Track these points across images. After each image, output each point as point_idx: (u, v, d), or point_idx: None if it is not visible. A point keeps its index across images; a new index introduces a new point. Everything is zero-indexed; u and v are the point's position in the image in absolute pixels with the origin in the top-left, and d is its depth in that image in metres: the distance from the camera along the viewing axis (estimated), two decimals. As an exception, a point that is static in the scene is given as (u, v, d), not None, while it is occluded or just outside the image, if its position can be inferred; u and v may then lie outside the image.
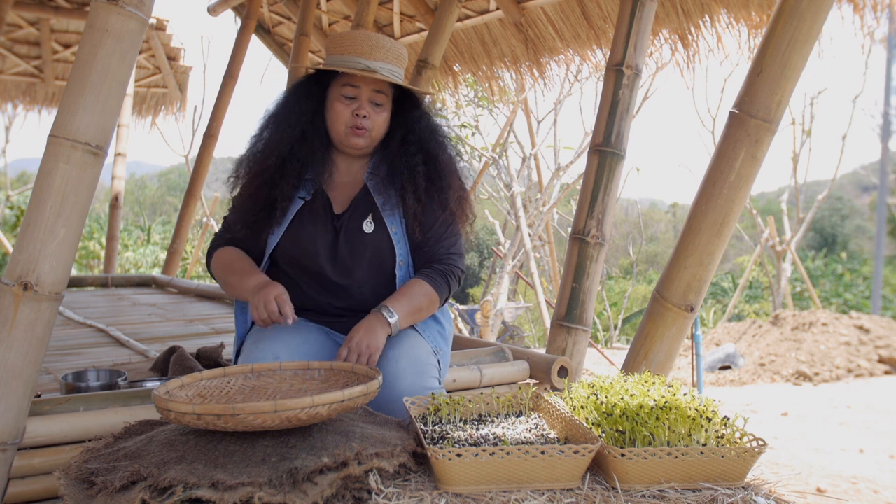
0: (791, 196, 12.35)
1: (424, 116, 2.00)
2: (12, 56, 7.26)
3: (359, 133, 1.91)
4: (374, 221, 1.93)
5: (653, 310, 2.51)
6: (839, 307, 14.04)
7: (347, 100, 1.90)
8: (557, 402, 1.57)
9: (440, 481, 1.28)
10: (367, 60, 1.87)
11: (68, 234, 1.61)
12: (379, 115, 1.92)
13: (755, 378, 7.43)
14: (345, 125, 1.91)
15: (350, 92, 1.90)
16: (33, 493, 1.73)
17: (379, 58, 1.88)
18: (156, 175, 34.45)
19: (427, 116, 2.01)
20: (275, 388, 1.59)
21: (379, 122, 1.93)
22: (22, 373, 1.60)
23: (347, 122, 1.90)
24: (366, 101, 1.90)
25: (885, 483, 4.29)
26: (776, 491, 1.33)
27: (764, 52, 2.35)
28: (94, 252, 14.11)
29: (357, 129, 1.90)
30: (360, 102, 1.90)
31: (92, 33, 1.63)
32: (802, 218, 12.08)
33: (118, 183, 6.78)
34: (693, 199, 2.49)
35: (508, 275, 8.43)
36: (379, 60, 1.87)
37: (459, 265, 1.98)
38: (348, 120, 1.90)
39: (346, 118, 1.90)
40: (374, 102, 1.91)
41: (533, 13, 4.53)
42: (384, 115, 1.94)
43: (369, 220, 1.93)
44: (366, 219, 1.93)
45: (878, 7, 3.33)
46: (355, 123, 1.89)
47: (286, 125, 1.92)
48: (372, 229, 1.92)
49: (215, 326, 3.81)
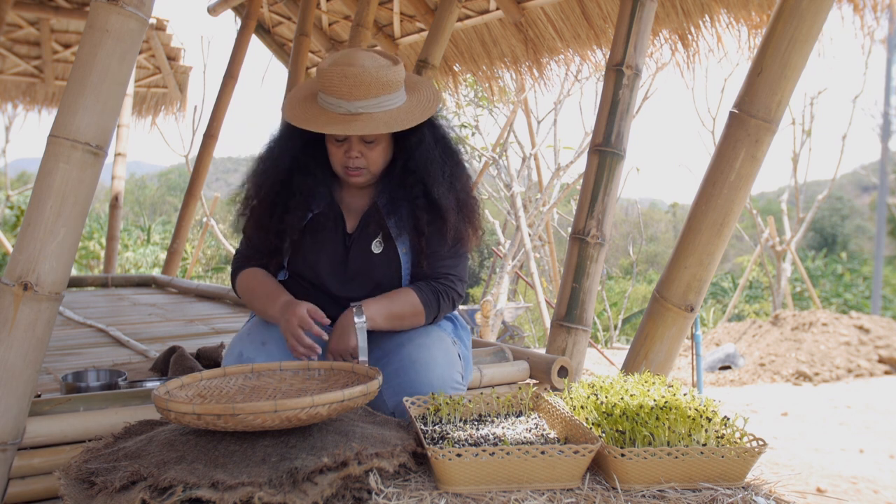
0: (791, 196, 12.35)
1: (425, 139, 1.86)
2: (12, 56, 7.26)
3: (353, 175, 1.85)
4: (384, 241, 1.90)
5: (653, 310, 2.51)
6: (839, 307, 14.04)
7: (339, 142, 1.84)
8: (557, 402, 1.57)
9: (440, 481, 1.29)
10: (345, 102, 1.75)
11: (68, 234, 1.61)
12: (372, 150, 1.83)
13: (755, 378, 7.43)
14: (340, 166, 1.86)
15: (339, 136, 1.82)
16: (33, 493, 1.73)
17: (358, 96, 1.74)
18: (156, 175, 34.43)
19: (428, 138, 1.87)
20: (275, 388, 1.59)
21: (374, 158, 1.84)
22: (22, 373, 1.60)
23: (342, 163, 1.85)
24: (355, 142, 1.82)
25: (885, 483, 4.29)
26: (776, 491, 1.33)
27: (764, 52, 2.35)
28: (94, 252, 14.11)
29: (352, 170, 1.85)
30: (349, 144, 1.82)
31: (92, 33, 1.63)
32: (802, 218, 12.07)
33: (118, 183, 6.78)
34: (693, 199, 2.49)
35: (508, 275, 8.43)
36: (361, 100, 1.74)
37: (456, 287, 1.92)
38: (342, 161, 1.85)
39: (339, 159, 1.85)
40: (365, 141, 1.82)
41: (533, 13, 4.53)
42: (379, 149, 1.84)
43: (379, 241, 1.90)
44: (375, 239, 1.90)
45: (878, 7, 3.33)
46: (347, 165, 1.84)
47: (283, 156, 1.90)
48: (381, 250, 1.90)
49: (215, 326, 3.81)
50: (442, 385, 1.75)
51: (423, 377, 1.75)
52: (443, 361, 1.80)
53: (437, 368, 1.77)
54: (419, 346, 1.81)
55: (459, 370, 1.87)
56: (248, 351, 1.81)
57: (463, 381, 1.90)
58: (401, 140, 1.87)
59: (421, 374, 1.75)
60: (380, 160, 1.86)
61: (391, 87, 1.78)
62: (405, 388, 1.73)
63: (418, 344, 1.81)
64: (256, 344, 1.82)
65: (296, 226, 1.89)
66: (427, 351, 1.79)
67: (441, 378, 1.76)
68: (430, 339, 1.84)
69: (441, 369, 1.78)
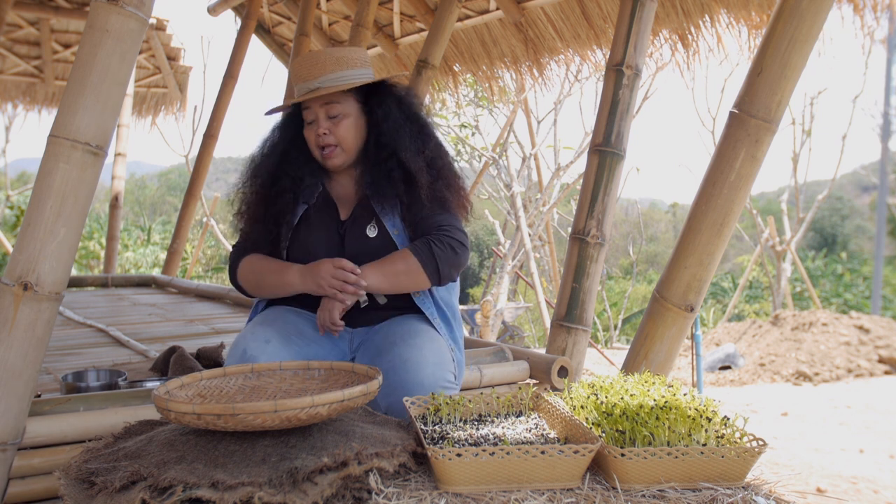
0: (791, 196, 12.35)
1: (391, 112, 1.96)
2: (12, 56, 7.26)
3: (328, 154, 1.94)
4: (377, 226, 1.95)
5: (653, 310, 2.51)
6: (839, 307, 14.04)
7: (310, 124, 1.95)
8: (557, 402, 1.57)
9: (440, 481, 1.29)
10: (307, 82, 1.91)
11: (68, 234, 1.61)
12: (339, 125, 1.93)
13: (755, 378, 7.43)
14: (316, 148, 1.96)
15: (308, 116, 1.95)
16: (33, 493, 1.73)
17: (316, 74, 1.90)
18: (156, 175, 34.46)
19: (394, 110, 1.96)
20: (275, 387, 1.59)
21: (342, 133, 1.93)
22: (22, 373, 1.60)
23: (316, 144, 1.95)
24: (322, 119, 1.93)
25: (885, 483, 4.29)
26: (776, 491, 1.33)
27: (764, 52, 2.35)
28: (94, 252, 14.11)
29: (325, 150, 1.94)
30: (317, 121, 1.93)
31: (92, 33, 1.63)
32: (802, 218, 12.08)
33: (118, 183, 6.79)
34: (693, 199, 2.49)
35: (508, 275, 8.43)
36: (319, 77, 1.89)
37: (452, 234, 1.89)
38: (315, 142, 1.95)
39: (312, 141, 1.96)
40: (330, 116, 1.92)
41: (533, 13, 4.53)
42: (345, 123, 1.93)
43: (373, 225, 1.95)
44: (369, 224, 1.95)
45: (878, 7, 3.33)
46: (318, 143, 1.94)
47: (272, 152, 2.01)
48: (375, 233, 1.94)
49: (215, 326, 3.81)
50: (433, 384, 1.75)
51: (412, 376, 1.74)
52: (433, 361, 1.79)
53: (427, 367, 1.77)
54: (410, 345, 1.81)
55: (452, 370, 1.86)
56: (251, 349, 1.81)
57: (455, 380, 1.89)
58: (371, 118, 1.96)
59: (411, 374, 1.75)
60: (349, 136, 1.94)
61: (349, 63, 1.92)
62: (396, 388, 1.73)
63: (410, 344, 1.81)
64: (260, 342, 1.82)
65: (289, 209, 1.95)
66: (418, 351, 1.79)
67: (432, 377, 1.76)
68: (420, 338, 1.84)
69: (432, 368, 1.78)
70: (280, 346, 1.82)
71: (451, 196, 1.98)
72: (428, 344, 1.83)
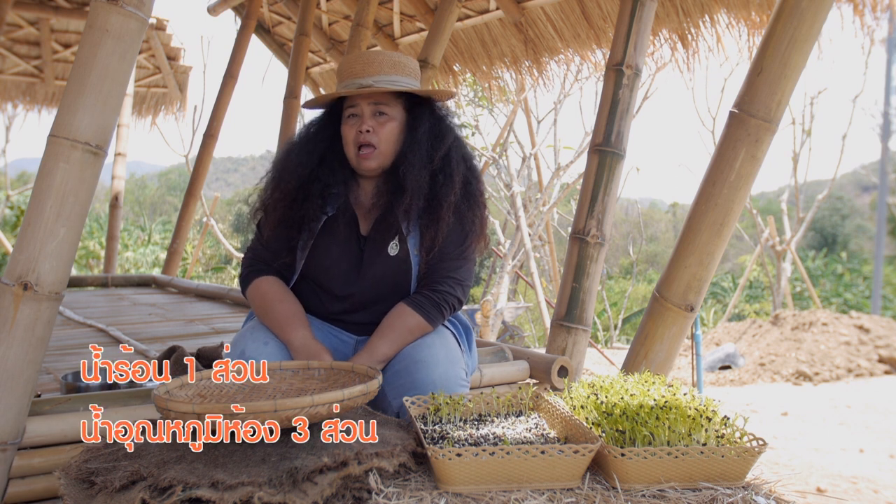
0: (791, 196, 12.34)
1: (433, 128, 1.91)
2: (12, 56, 7.26)
3: (364, 154, 1.87)
4: (399, 244, 1.90)
5: (653, 310, 2.51)
6: (839, 307, 14.04)
7: (352, 119, 1.89)
8: (557, 401, 1.57)
9: (440, 481, 1.28)
10: (360, 79, 1.87)
11: (68, 234, 1.61)
12: (384, 125, 1.87)
13: (755, 378, 7.43)
14: (352, 146, 1.89)
15: (352, 112, 1.89)
16: (33, 493, 1.73)
17: (371, 73, 1.86)
18: (156, 175, 34.47)
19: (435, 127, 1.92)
20: (275, 387, 1.59)
21: (385, 134, 1.87)
22: (22, 373, 1.60)
23: (354, 142, 1.88)
24: (368, 116, 1.87)
25: (885, 483, 4.28)
26: (776, 491, 1.33)
27: (764, 52, 2.35)
28: (94, 252, 14.12)
29: (363, 149, 1.87)
30: (362, 118, 1.87)
31: (92, 33, 1.63)
32: (802, 218, 12.07)
33: (118, 183, 6.79)
34: (693, 199, 2.49)
35: (508, 275, 8.42)
36: (372, 75, 1.86)
37: (457, 293, 1.89)
38: (354, 139, 1.88)
39: (351, 138, 1.89)
40: (378, 113, 1.88)
41: (533, 13, 4.53)
42: (390, 126, 1.88)
43: (395, 243, 1.90)
44: (392, 241, 1.90)
45: (878, 7, 3.33)
46: (358, 141, 1.87)
47: (304, 152, 1.93)
48: (397, 252, 1.90)
49: (215, 326, 3.81)
50: (445, 383, 1.75)
51: (424, 376, 1.75)
52: (445, 359, 1.79)
53: (439, 366, 1.77)
54: (420, 344, 1.81)
55: (463, 367, 1.86)
56: (250, 350, 1.81)
57: (467, 377, 1.89)
58: (411, 130, 1.90)
59: (423, 373, 1.75)
60: (390, 139, 1.89)
61: (402, 69, 1.90)
62: (408, 388, 1.73)
63: (420, 343, 1.82)
64: (259, 343, 1.82)
65: (314, 215, 1.89)
66: (429, 350, 1.79)
67: (444, 376, 1.76)
68: (430, 337, 1.84)
69: (444, 367, 1.78)
70: (279, 347, 1.82)
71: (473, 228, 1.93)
72: (438, 342, 1.83)
